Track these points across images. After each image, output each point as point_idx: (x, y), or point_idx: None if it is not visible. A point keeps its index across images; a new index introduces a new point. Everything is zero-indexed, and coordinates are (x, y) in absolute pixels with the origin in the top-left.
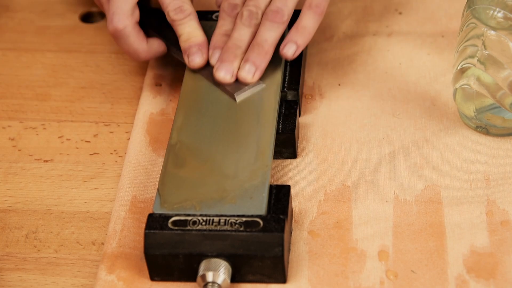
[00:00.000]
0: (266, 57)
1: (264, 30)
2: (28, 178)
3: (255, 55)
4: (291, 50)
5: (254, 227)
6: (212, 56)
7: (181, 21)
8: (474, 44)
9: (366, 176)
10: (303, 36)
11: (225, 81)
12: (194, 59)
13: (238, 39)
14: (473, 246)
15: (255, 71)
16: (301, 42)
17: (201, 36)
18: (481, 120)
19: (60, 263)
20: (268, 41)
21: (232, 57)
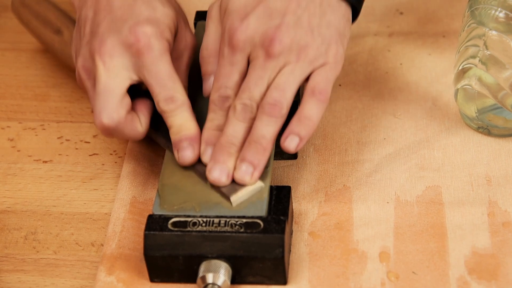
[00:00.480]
0: (265, 155)
1: (260, 125)
2: (27, 179)
3: (252, 153)
4: (293, 143)
5: (255, 228)
6: (204, 154)
7: (172, 112)
8: (476, 44)
9: (367, 177)
10: (306, 127)
11: (220, 183)
12: (185, 155)
13: (232, 136)
14: (474, 248)
15: (253, 172)
16: (304, 134)
17: (193, 129)
18: (483, 120)
19: (59, 264)
20: (266, 137)
21: (226, 156)
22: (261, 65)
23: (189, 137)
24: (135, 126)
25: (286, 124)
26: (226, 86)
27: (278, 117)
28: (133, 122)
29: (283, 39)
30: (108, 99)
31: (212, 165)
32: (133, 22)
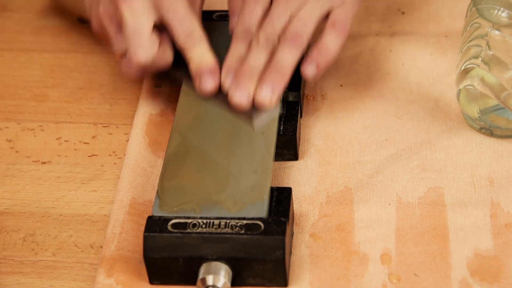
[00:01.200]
0: (284, 80)
1: (282, 53)
2: (26, 180)
3: (272, 77)
4: (312, 70)
5: (255, 230)
6: (226, 80)
7: (191, 46)
8: (478, 44)
9: (368, 178)
10: (325, 57)
11: (241, 105)
12: (206, 83)
13: (253, 63)
14: (477, 249)
15: (272, 93)
16: (322, 64)
17: (212, 61)
18: (485, 121)
19: (58, 266)
20: (286, 63)
21: (248, 81)
22: (284, 0)
23: (209, 67)
24: (166, 57)
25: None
26: (250, 21)
27: (299, 47)
28: (164, 54)
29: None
30: (140, 39)
31: (234, 90)
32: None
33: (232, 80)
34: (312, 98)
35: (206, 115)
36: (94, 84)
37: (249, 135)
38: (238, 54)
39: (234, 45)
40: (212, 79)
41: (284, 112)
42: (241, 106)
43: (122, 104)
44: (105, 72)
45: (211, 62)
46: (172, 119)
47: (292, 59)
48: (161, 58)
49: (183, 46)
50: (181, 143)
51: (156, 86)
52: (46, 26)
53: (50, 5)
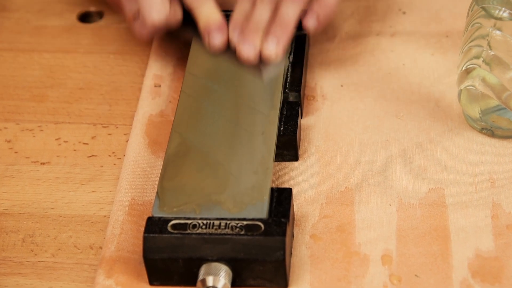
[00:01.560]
0: (288, 31)
1: (285, 7)
2: (25, 181)
3: (277, 30)
4: (313, 21)
5: (255, 230)
6: (233, 35)
7: (199, 4)
8: (479, 44)
9: (369, 179)
10: (325, 9)
11: (248, 58)
12: (215, 39)
13: (258, 18)
14: (478, 250)
15: (277, 46)
16: (322, 16)
17: (220, 18)
18: (487, 121)
19: (57, 267)
20: (289, 15)
21: (254, 34)
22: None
23: (217, 24)
24: (176, 15)
25: None
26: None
27: (301, 1)
28: (175, 12)
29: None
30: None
31: (241, 44)
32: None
33: (239, 35)
34: (312, 98)
35: (206, 116)
36: (93, 85)
37: (249, 136)
38: (244, 11)
39: (239, 2)
40: (220, 35)
41: (284, 113)
42: (249, 59)
43: (122, 105)
44: (104, 72)
45: (218, 19)
46: (171, 119)
47: (294, 13)
48: (173, 16)
49: (191, 4)
50: (181, 143)
51: (155, 86)
52: (45, 26)
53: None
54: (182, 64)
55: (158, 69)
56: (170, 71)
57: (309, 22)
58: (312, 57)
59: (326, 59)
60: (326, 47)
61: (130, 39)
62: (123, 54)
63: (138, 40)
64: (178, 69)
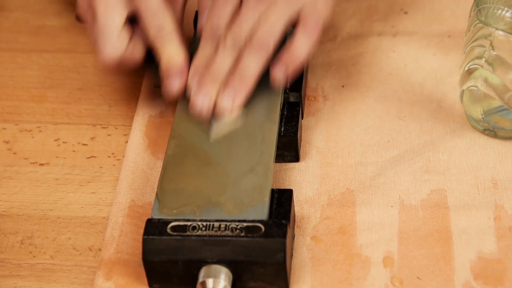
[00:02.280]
0: (248, 86)
1: (247, 58)
2: (23, 182)
3: (236, 83)
4: (280, 73)
5: (256, 232)
6: (191, 82)
7: (162, 41)
8: (482, 44)
9: (370, 180)
10: (294, 60)
11: (202, 111)
12: (172, 84)
13: (219, 66)
14: (480, 252)
15: (234, 101)
16: (291, 67)
17: (182, 59)
18: (489, 122)
19: (56, 269)
20: (251, 69)
21: (211, 85)
22: (253, 3)
23: (177, 66)
24: (135, 54)
25: None
26: (218, 19)
27: (265, 53)
28: (134, 51)
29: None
30: (109, 34)
31: (196, 93)
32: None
33: (197, 83)
34: (313, 99)
35: None
36: (93, 85)
37: (249, 136)
38: (206, 55)
39: (202, 45)
40: (178, 81)
41: (285, 113)
42: (202, 111)
43: (121, 105)
44: (104, 72)
45: (179, 63)
46: (171, 120)
47: (256, 67)
48: (130, 55)
49: (154, 42)
50: (181, 145)
51: (155, 87)
52: (44, 26)
53: None
54: None
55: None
56: None
57: (277, 74)
58: (313, 57)
59: (327, 60)
60: (327, 47)
61: None
62: None
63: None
64: None
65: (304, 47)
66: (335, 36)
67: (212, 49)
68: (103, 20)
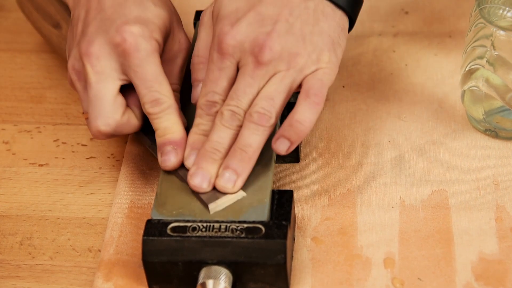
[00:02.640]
0: (250, 164)
1: (247, 134)
2: (23, 183)
3: (236, 161)
4: (283, 147)
5: (256, 233)
6: (188, 159)
7: (157, 114)
8: (483, 44)
9: (371, 181)
10: (297, 131)
11: (200, 190)
12: (167, 159)
13: (217, 142)
14: (481, 253)
15: (236, 180)
16: (295, 139)
17: (178, 133)
18: (490, 123)
19: (55, 270)
20: (252, 146)
21: (210, 163)
22: (250, 72)
23: (174, 141)
24: (131, 123)
25: None
26: (214, 92)
27: (266, 127)
28: (129, 120)
29: (274, 46)
30: (102, 105)
31: (194, 171)
32: (121, 21)
33: (195, 160)
34: None
35: None
36: None
37: None
38: (202, 130)
39: (198, 118)
40: (173, 156)
41: (285, 114)
42: (200, 190)
43: None
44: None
45: (175, 137)
46: None
47: (258, 140)
48: (125, 124)
49: (149, 113)
50: None
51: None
52: None
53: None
54: None
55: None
56: None
57: (281, 147)
58: None
59: None
60: None
61: None
62: None
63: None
64: None
65: (307, 118)
66: None
67: (209, 123)
68: (95, 90)
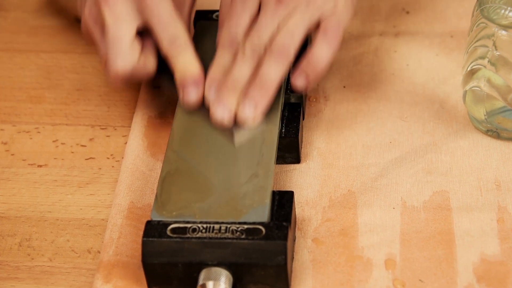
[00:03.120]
0: (269, 96)
1: (267, 67)
2: (21, 184)
3: (256, 93)
4: (301, 81)
5: (256, 234)
6: (209, 93)
7: (176, 53)
8: (485, 44)
9: (372, 182)
10: (315, 68)
11: (222, 121)
12: (189, 94)
13: (238, 76)
14: (483, 254)
15: (256, 112)
16: (312, 76)
17: (197, 70)
18: (492, 123)
19: (54, 272)
20: (271, 78)
21: (231, 96)
22: (271, 9)
23: (194, 77)
24: (147, 66)
25: None
26: (236, 28)
27: (286, 60)
28: (145, 63)
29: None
30: (120, 46)
31: (216, 104)
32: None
33: (215, 93)
34: (314, 99)
35: (206, 117)
36: (91, 85)
37: (250, 138)
38: (223, 65)
39: (219, 54)
40: (195, 91)
41: (286, 114)
42: (222, 122)
43: (120, 106)
44: (102, 73)
45: (195, 72)
46: (171, 121)
47: (277, 74)
48: (142, 67)
49: (167, 53)
50: (181, 145)
51: (155, 87)
52: (42, 26)
53: (46, 4)
54: None
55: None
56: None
57: (298, 82)
58: None
59: None
60: None
61: None
62: None
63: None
64: None
65: (324, 55)
66: None
67: (230, 58)
68: (113, 32)
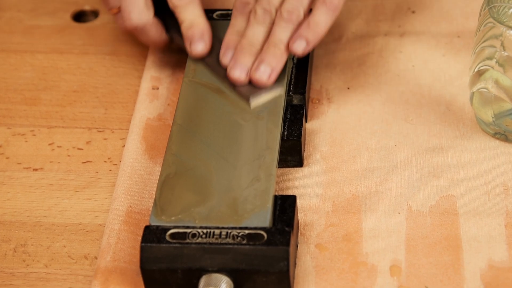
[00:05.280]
0: (282, 59)
1: (279, 30)
2: (17, 188)
3: (270, 56)
4: (301, 46)
5: (258, 240)
6: (225, 56)
7: (184, 7)
8: (492, 45)
9: (377, 186)
10: (314, 32)
11: (239, 81)
12: (197, 47)
13: (252, 38)
14: (491, 261)
15: (270, 73)
16: (312, 39)
17: (204, 23)
18: (500, 126)
19: (50, 278)
20: (283, 41)
21: (247, 56)
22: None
23: (201, 30)
24: (160, 30)
25: None
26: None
27: (295, 23)
28: (158, 26)
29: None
30: (137, 3)
31: (232, 65)
32: None
33: (231, 56)
34: (317, 101)
35: (206, 120)
36: (88, 87)
37: (251, 141)
38: (237, 28)
39: (233, 19)
40: (202, 43)
41: (288, 116)
42: (239, 81)
43: (118, 108)
44: (100, 74)
45: (203, 24)
46: (170, 123)
47: (289, 36)
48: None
49: (175, 4)
50: (180, 148)
51: (153, 88)
52: (38, 26)
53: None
54: (181, 65)
55: (156, 70)
56: (169, 73)
57: (297, 45)
58: (317, 58)
59: (332, 60)
60: (332, 47)
61: (126, 39)
62: (119, 55)
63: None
64: (177, 71)
65: (324, 20)
66: (340, 36)
67: (244, 22)
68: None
